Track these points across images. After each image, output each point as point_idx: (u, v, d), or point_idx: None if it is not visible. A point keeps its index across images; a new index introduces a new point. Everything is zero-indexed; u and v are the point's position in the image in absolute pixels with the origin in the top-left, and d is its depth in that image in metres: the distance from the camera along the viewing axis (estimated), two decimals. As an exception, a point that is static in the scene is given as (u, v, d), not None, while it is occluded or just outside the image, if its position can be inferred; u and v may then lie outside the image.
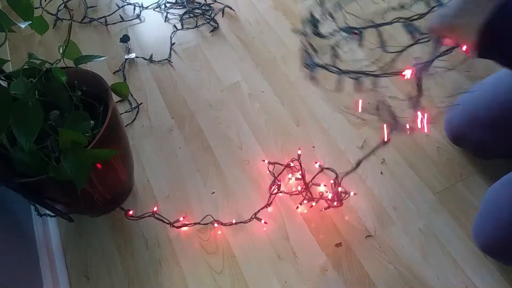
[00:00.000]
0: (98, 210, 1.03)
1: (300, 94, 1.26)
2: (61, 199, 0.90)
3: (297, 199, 1.03)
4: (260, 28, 1.46)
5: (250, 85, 1.30)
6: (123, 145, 0.95)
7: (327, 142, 1.14)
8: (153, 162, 1.14)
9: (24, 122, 0.69)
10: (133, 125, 1.22)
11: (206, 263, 0.96)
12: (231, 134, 1.19)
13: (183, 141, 1.18)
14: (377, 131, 1.15)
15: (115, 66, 1.37)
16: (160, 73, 1.35)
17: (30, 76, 0.76)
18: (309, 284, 0.92)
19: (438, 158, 1.08)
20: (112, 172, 0.93)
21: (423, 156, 1.09)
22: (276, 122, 1.20)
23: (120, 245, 1.00)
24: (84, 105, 0.85)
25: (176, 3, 1.55)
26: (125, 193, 1.07)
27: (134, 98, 1.28)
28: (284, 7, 1.52)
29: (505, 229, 0.78)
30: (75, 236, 1.02)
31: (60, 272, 0.95)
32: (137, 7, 1.55)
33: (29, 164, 0.76)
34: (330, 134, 1.16)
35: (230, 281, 0.94)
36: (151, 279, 0.95)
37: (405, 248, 0.95)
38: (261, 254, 0.97)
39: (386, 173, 1.07)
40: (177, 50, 1.41)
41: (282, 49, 1.39)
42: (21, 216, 0.96)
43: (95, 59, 0.83)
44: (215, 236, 1.00)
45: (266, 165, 1.10)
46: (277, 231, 1.00)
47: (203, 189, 1.08)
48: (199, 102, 1.27)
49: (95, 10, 1.56)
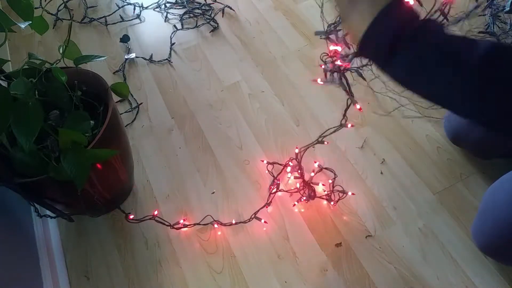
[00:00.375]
0: (98, 210, 1.03)
1: (300, 94, 1.26)
2: (61, 199, 0.90)
3: (296, 198, 1.03)
4: (260, 28, 1.46)
5: (250, 85, 1.30)
6: (123, 145, 0.95)
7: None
8: (153, 162, 1.14)
9: (24, 122, 0.69)
10: (133, 125, 1.22)
11: (206, 263, 0.96)
12: (231, 134, 1.19)
13: (183, 141, 1.18)
14: (377, 132, 1.15)
15: (115, 66, 1.37)
16: (160, 73, 1.35)
17: (30, 76, 0.76)
18: (309, 284, 0.92)
19: (438, 158, 1.08)
20: (112, 172, 0.93)
21: (423, 156, 1.09)
22: (276, 122, 1.20)
23: (120, 245, 1.00)
24: (84, 105, 0.85)
25: (176, 3, 1.55)
26: (125, 193, 1.07)
27: (134, 98, 1.28)
28: (284, 7, 1.52)
29: (504, 229, 0.78)
30: (75, 236, 1.02)
31: (60, 272, 0.95)
32: (137, 7, 1.55)
33: (29, 164, 0.76)
34: (330, 134, 1.15)
35: (230, 281, 0.94)
36: (151, 279, 0.95)
37: (405, 248, 0.95)
38: (261, 254, 0.97)
39: (386, 173, 1.07)
40: (177, 50, 1.41)
41: (282, 49, 1.39)
42: (21, 216, 0.96)
43: (95, 59, 0.83)
44: (215, 236, 1.00)
45: (265, 165, 1.10)
46: (277, 231, 1.00)
47: (203, 189, 1.08)
48: (199, 102, 1.27)
49: (95, 10, 1.56)
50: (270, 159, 1.11)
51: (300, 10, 1.51)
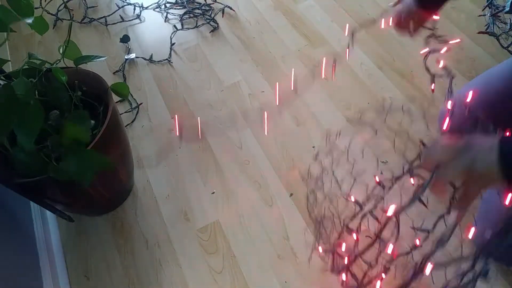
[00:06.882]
0: (98, 210, 1.03)
1: (300, 94, 1.26)
2: (61, 199, 0.90)
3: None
4: (260, 28, 1.46)
5: (250, 85, 1.30)
6: (123, 145, 0.95)
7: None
8: (153, 162, 1.14)
9: (25, 122, 0.69)
10: (133, 125, 1.22)
11: (206, 263, 0.96)
12: (231, 134, 1.19)
13: (183, 141, 1.18)
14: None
15: (115, 66, 1.37)
16: (160, 73, 1.35)
17: (30, 76, 0.76)
18: (309, 284, 0.92)
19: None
20: (112, 172, 0.93)
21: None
22: (276, 122, 1.20)
23: (120, 245, 1.00)
24: (84, 105, 0.85)
25: (176, 3, 1.55)
26: (125, 193, 1.07)
27: (134, 98, 1.28)
28: (284, 7, 1.52)
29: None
30: (75, 236, 1.02)
31: (60, 272, 0.95)
32: (137, 7, 1.55)
33: (29, 164, 0.76)
34: (330, 134, 1.16)
35: (230, 281, 0.94)
36: (151, 279, 0.95)
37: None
38: (261, 254, 0.97)
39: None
40: (177, 50, 1.41)
41: (282, 49, 1.39)
42: (21, 216, 0.96)
43: (95, 59, 0.83)
44: (215, 236, 1.00)
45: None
46: (277, 231, 1.00)
47: (203, 189, 1.08)
48: (199, 102, 1.27)
49: (95, 10, 1.56)
50: (270, 158, 1.11)
51: (300, 10, 1.51)
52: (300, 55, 1.36)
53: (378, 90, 1.25)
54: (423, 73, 1.09)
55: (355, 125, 1.17)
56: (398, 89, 1.24)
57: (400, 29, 0.81)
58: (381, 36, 1.40)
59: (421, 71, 1.18)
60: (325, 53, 1.36)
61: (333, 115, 1.19)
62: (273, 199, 1.05)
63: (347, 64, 1.33)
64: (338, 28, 1.43)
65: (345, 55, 1.11)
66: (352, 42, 0.74)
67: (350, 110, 1.20)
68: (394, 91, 1.24)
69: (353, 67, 1.31)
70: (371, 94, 1.24)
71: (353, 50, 0.79)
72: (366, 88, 1.26)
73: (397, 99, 1.21)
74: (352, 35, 0.75)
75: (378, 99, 1.22)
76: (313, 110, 1.21)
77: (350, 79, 1.28)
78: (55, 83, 0.79)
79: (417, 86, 1.24)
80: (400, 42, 1.38)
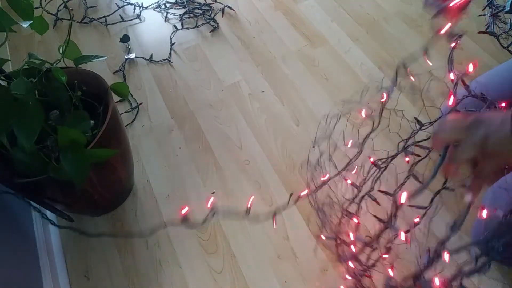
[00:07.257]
0: (98, 210, 1.03)
1: (300, 94, 1.26)
2: (61, 199, 0.90)
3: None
4: (260, 28, 1.46)
5: (250, 85, 1.30)
6: (123, 145, 0.95)
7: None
8: (153, 162, 1.14)
9: (25, 122, 0.69)
10: (133, 125, 1.22)
11: (206, 263, 0.96)
12: (231, 134, 1.19)
13: (183, 141, 1.18)
14: (376, 131, 1.15)
15: (115, 66, 1.37)
16: (160, 73, 1.35)
17: (30, 76, 0.76)
18: (309, 284, 0.92)
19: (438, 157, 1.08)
20: (112, 172, 0.93)
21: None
22: (276, 122, 1.20)
23: (120, 245, 1.00)
24: (84, 105, 0.85)
25: (176, 3, 1.55)
26: (125, 193, 1.07)
27: (134, 98, 1.28)
28: (284, 7, 1.52)
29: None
30: (75, 236, 1.02)
31: (60, 272, 0.95)
32: (137, 7, 1.55)
33: (29, 164, 0.76)
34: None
35: (230, 281, 0.94)
36: (151, 279, 0.95)
37: (406, 250, 0.95)
38: (261, 254, 0.97)
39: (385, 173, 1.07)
40: (177, 50, 1.41)
41: (282, 49, 1.39)
42: (21, 216, 0.96)
43: (95, 59, 0.83)
44: (215, 236, 1.00)
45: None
46: (277, 231, 1.00)
47: (203, 189, 1.08)
48: (199, 102, 1.27)
49: (95, 10, 1.56)
50: (270, 159, 1.11)
51: (300, 10, 1.51)
52: (300, 55, 1.36)
53: (378, 90, 1.25)
54: (423, 73, 1.09)
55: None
56: (398, 89, 1.24)
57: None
58: (381, 36, 1.40)
59: (421, 71, 1.18)
60: (326, 53, 1.36)
61: (332, 115, 1.19)
62: (273, 199, 1.05)
63: (347, 64, 1.33)
64: (338, 28, 1.43)
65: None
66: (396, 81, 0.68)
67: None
68: (394, 91, 1.24)
69: (353, 67, 1.31)
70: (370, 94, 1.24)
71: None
72: (365, 86, 1.26)
73: (397, 98, 1.21)
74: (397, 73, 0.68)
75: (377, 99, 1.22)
76: (313, 109, 1.21)
77: (350, 77, 1.28)
78: (55, 83, 0.79)
79: (417, 86, 1.24)
80: (400, 42, 1.38)
